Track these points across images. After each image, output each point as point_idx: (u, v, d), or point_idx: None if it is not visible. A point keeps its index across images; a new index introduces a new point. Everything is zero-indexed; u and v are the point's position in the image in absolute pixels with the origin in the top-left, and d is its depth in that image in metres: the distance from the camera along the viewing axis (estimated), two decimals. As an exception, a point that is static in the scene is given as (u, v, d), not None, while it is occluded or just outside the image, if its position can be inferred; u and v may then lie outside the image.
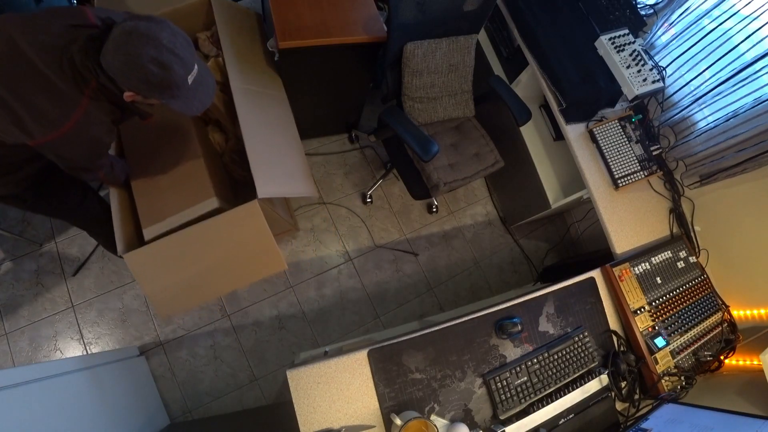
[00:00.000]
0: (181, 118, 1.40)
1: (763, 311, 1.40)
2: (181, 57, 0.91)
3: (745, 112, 1.35)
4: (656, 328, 1.34)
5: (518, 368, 1.16)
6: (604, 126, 1.60)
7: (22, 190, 1.21)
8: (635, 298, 1.35)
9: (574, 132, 1.61)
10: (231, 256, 1.31)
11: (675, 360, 1.32)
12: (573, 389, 1.18)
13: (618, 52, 1.58)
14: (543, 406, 1.14)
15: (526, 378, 1.16)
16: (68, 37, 0.92)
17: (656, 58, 1.63)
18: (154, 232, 1.26)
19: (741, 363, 1.38)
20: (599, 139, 1.59)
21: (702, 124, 1.52)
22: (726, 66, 1.42)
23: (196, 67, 0.96)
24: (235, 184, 1.64)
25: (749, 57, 1.36)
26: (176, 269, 1.27)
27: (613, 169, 1.55)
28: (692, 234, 1.58)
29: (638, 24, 1.70)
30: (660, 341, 1.31)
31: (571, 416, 1.16)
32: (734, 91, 1.39)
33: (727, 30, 1.40)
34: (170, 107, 0.98)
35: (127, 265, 1.22)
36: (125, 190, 1.34)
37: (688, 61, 1.52)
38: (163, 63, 0.89)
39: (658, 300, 1.39)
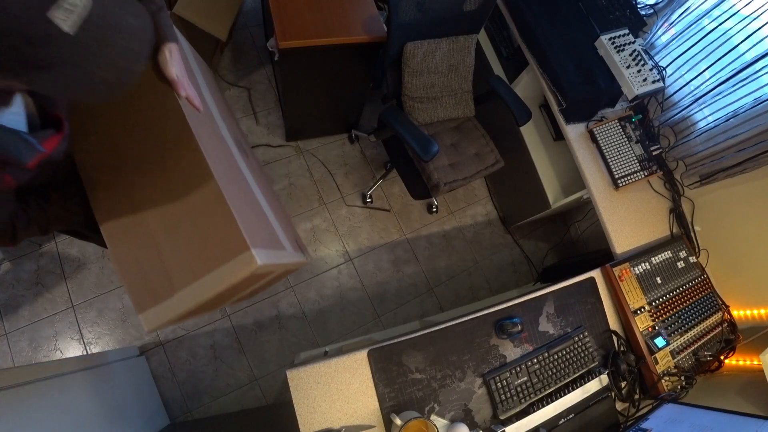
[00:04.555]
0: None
1: (763, 311, 1.40)
2: None
3: (745, 112, 1.35)
4: (656, 328, 1.34)
5: (518, 368, 1.16)
6: (604, 126, 1.60)
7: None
8: (635, 298, 1.35)
9: (574, 132, 1.61)
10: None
11: (675, 360, 1.32)
12: (573, 389, 1.18)
13: (618, 52, 1.58)
14: (543, 406, 1.14)
15: (526, 378, 1.16)
16: None
17: (656, 58, 1.63)
18: (159, 317, 0.68)
19: (741, 363, 1.38)
20: (599, 139, 1.59)
21: (702, 124, 1.52)
22: (726, 66, 1.42)
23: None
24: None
25: (749, 57, 1.36)
26: None
27: (613, 169, 1.55)
28: (692, 234, 1.58)
29: (638, 24, 1.70)
30: (660, 341, 1.31)
31: (571, 416, 1.16)
32: (734, 91, 1.39)
33: (727, 30, 1.40)
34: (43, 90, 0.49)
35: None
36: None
37: (688, 61, 1.52)
38: None
39: (658, 300, 1.38)
